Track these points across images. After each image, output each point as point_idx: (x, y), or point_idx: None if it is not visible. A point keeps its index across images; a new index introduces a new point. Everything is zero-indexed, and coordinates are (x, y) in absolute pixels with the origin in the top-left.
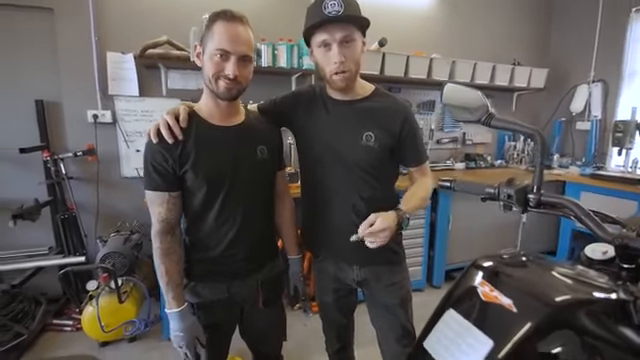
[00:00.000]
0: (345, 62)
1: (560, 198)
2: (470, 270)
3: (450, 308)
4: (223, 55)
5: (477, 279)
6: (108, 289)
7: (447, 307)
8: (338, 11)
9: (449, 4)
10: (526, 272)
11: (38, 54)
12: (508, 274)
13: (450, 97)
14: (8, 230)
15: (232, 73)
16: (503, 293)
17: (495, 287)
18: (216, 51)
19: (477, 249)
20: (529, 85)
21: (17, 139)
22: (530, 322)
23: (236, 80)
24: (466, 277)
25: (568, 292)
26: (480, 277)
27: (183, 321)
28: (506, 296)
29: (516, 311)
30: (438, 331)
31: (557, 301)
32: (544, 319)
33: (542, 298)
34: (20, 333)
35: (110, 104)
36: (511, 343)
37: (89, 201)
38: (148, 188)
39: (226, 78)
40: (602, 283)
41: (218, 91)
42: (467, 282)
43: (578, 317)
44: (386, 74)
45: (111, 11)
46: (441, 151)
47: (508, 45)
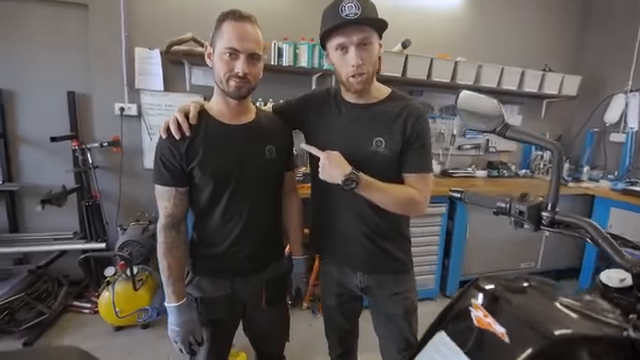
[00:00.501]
0: (362, 65)
1: (576, 218)
2: (467, 291)
3: (442, 330)
4: (232, 54)
5: (472, 302)
6: (124, 276)
7: (439, 328)
8: (356, 13)
9: (476, 5)
10: (526, 299)
11: (72, 48)
12: (506, 300)
13: (465, 105)
14: (37, 214)
15: (242, 71)
16: (498, 320)
17: (490, 313)
18: (225, 50)
19: (495, 261)
20: (560, 92)
21: (49, 128)
22: (523, 355)
23: (246, 78)
24: (462, 298)
25: (569, 325)
26: (475, 300)
27: (180, 316)
28: (500, 324)
29: (508, 341)
30: (427, 353)
31: (555, 334)
32: (539, 352)
33: (539, 330)
34: (42, 312)
35: (136, 98)
36: None
37: (112, 190)
38: (156, 182)
39: (236, 77)
40: (611, 318)
41: (228, 90)
42: (462, 304)
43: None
44: (408, 76)
45: (140, 8)
46: (462, 157)
47: (539, 50)
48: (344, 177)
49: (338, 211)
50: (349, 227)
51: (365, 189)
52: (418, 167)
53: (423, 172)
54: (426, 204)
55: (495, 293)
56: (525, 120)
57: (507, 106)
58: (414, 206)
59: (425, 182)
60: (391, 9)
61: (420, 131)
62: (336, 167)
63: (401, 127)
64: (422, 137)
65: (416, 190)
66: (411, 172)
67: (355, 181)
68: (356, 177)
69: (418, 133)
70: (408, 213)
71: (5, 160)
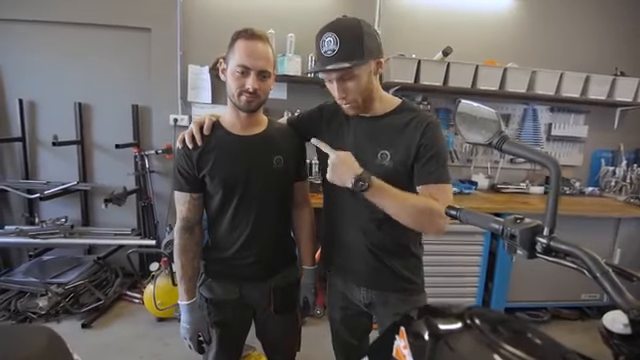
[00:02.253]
0: (347, 96)
1: (573, 247)
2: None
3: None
4: (244, 71)
5: (401, 329)
6: (166, 272)
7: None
8: (333, 49)
9: (529, 7)
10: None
11: (137, 66)
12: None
13: (464, 115)
14: (104, 211)
15: (252, 87)
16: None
17: (411, 345)
18: (237, 67)
19: (550, 289)
20: (636, 99)
21: (115, 136)
22: None
23: (256, 93)
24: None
25: None
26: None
27: (190, 314)
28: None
29: None
30: None
31: None
32: None
33: None
34: (99, 298)
35: (188, 110)
36: None
37: (165, 192)
38: (174, 188)
39: (247, 92)
40: None
41: (240, 104)
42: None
43: None
44: (450, 85)
45: (194, 29)
46: (515, 171)
47: (608, 52)
48: (355, 178)
49: (343, 223)
50: (353, 240)
51: (377, 193)
52: (432, 177)
53: (439, 182)
54: (447, 219)
55: (428, 324)
56: (593, 130)
57: (570, 115)
58: (433, 219)
59: (443, 192)
60: (430, 16)
61: (430, 140)
62: (347, 168)
63: (408, 139)
64: (433, 146)
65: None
66: (425, 183)
67: (366, 182)
68: (367, 178)
69: (428, 142)
70: (426, 228)
71: (81, 163)
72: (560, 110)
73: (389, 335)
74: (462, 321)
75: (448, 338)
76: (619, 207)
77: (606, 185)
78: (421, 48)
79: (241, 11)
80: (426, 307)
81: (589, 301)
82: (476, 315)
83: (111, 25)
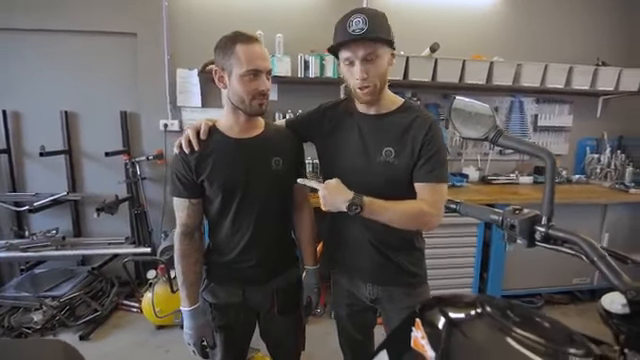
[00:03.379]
0: (368, 78)
1: (570, 234)
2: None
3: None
4: (256, 74)
5: (417, 321)
6: (164, 279)
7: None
8: (362, 29)
9: (513, 2)
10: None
11: (124, 72)
12: (452, 323)
13: (459, 111)
14: (96, 220)
15: (267, 87)
16: (432, 344)
17: (428, 335)
18: (247, 72)
19: (542, 275)
20: (618, 88)
21: (105, 144)
22: None
23: (267, 95)
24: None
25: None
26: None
27: (193, 320)
28: (433, 348)
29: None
30: None
31: None
32: None
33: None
34: (96, 309)
35: (178, 114)
36: None
37: (157, 199)
38: (172, 194)
39: (260, 95)
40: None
41: (252, 109)
42: (409, 322)
43: None
44: (438, 80)
45: (180, 33)
46: (505, 163)
47: (590, 43)
48: (348, 203)
49: (347, 221)
50: (358, 238)
51: (370, 211)
52: (428, 177)
53: (434, 182)
54: (438, 216)
55: (442, 314)
56: (577, 120)
57: (555, 105)
58: (422, 219)
59: (436, 192)
60: (417, 13)
61: (430, 140)
62: (337, 195)
63: (412, 138)
64: (432, 146)
65: (424, 202)
66: (421, 182)
67: (359, 205)
68: (360, 201)
69: (428, 143)
70: (419, 227)
71: (70, 173)
72: (545, 101)
73: (404, 327)
74: (474, 308)
75: (463, 325)
76: (605, 193)
77: (592, 172)
78: (409, 45)
79: (227, 12)
80: (438, 298)
81: (580, 285)
82: (486, 302)
83: (96, 31)
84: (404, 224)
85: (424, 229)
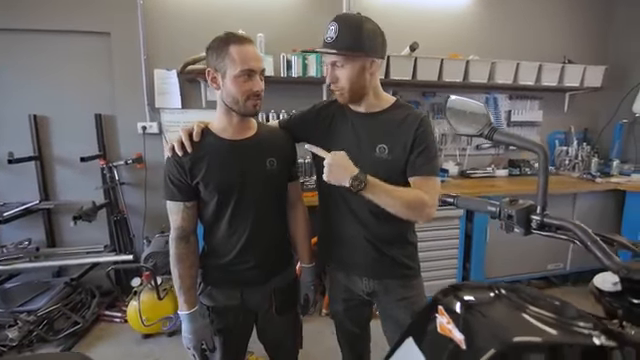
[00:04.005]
0: (336, 83)
1: (564, 220)
2: (438, 297)
3: (410, 336)
4: (249, 74)
5: (439, 308)
6: (150, 286)
7: (408, 334)
8: (332, 37)
9: (487, 2)
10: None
11: (97, 73)
12: (473, 307)
13: (454, 110)
14: (71, 229)
15: (260, 88)
16: (458, 327)
17: (453, 320)
18: (241, 73)
19: (520, 263)
20: (583, 84)
21: (79, 149)
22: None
23: (261, 95)
24: (432, 304)
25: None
26: (442, 306)
27: (192, 323)
28: (460, 331)
29: (465, 348)
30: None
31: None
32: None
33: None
34: (77, 322)
35: (157, 116)
36: None
37: (138, 204)
38: (166, 198)
39: (255, 95)
40: (582, 326)
41: (246, 110)
42: (431, 310)
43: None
44: (418, 79)
45: (157, 32)
46: (481, 157)
47: (557, 42)
48: (351, 178)
49: (341, 218)
50: (353, 234)
51: (372, 190)
52: (422, 170)
53: (428, 175)
54: (435, 207)
55: (463, 300)
56: (547, 115)
57: (526, 101)
58: (423, 208)
59: (431, 185)
60: (397, 13)
61: (421, 135)
62: (343, 169)
63: (404, 135)
64: (424, 141)
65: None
66: (416, 175)
67: (363, 182)
68: (364, 177)
69: (419, 137)
70: (417, 217)
71: (42, 181)
72: (518, 97)
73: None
74: (491, 292)
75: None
76: (574, 183)
77: (561, 164)
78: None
79: (206, 11)
80: (454, 286)
81: (554, 270)
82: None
83: (66, 30)
84: (402, 211)
85: (421, 220)
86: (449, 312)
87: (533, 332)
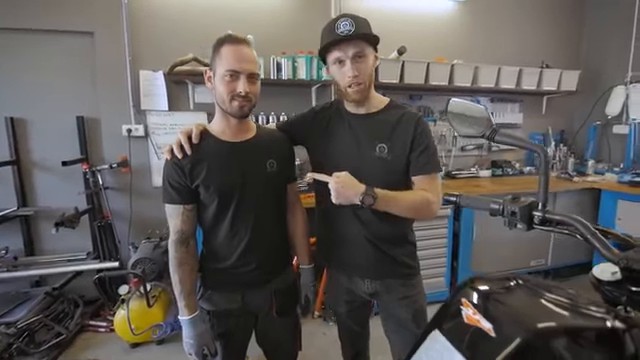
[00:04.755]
0: (358, 75)
1: (565, 216)
2: (459, 291)
3: (436, 328)
4: (233, 75)
5: (463, 300)
6: (138, 293)
7: (433, 327)
8: (350, 30)
9: (471, 9)
10: (513, 297)
11: (80, 74)
12: (495, 298)
13: (455, 112)
14: (52, 236)
15: (243, 90)
16: (485, 317)
17: (479, 310)
18: (226, 72)
19: (504, 260)
20: (559, 88)
21: (61, 152)
22: (507, 348)
23: (247, 97)
24: (454, 297)
25: (552, 318)
26: (466, 298)
27: (193, 328)
28: (488, 320)
29: (494, 336)
30: (422, 351)
31: (538, 327)
32: (521, 345)
33: (523, 324)
34: (60, 333)
35: (142, 119)
36: None
37: (123, 209)
38: (165, 202)
39: (238, 96)
40: (594, 310)
41: (232, 110)
42: (454, 303)
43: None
44: (406, 82)
45: (143, 32)
46: (466, 158)
47: (536, 48)
48: (362, 195)
49: (343, 219)
50: (354, 235)
51: (383, 202)
52: (425, 169)
53: (431, 173)
54: (439, 204)
55: (484, 292)
56: (526, 117)
57: (507, 104)
58: (429, 207)
59: (434, 182)
60: (385, 18)
61: (420, 134)
62: (350, 188)
63: (403, 134)
64: (423, 139)
65: (427, 191)
66: (419, 174)
67: (372, 196)
68: (372, 192)
69: (419, 136)
70: (423, 215)
71: (20, 186)
72: (499, 100)
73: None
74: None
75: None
76: (554, 182)
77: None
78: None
79: (194, 12)
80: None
81: (537, 266)
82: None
83: (46, 30)
84: (412, 213)
85: (428, 217)
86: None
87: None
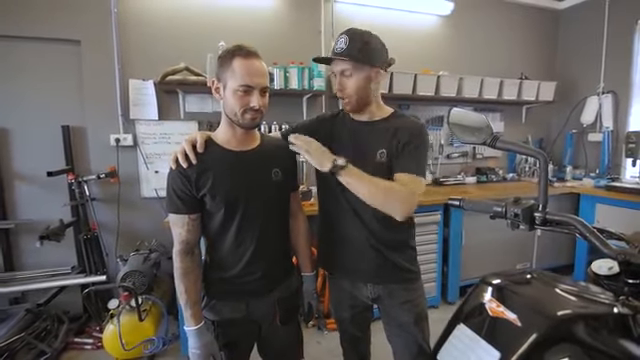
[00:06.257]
0: (343, 90)
1: (565, 216)
2: (478, 287)
3: (460, 323)
4: (247, 90)
5: (485, 295)
6: (128, 307)
7: (458, 322)
8: (342, 48)
9: (455, 23)
10: (531, 288)
11: (65, 82)
12: (514, 291)
13: (456, 121)
14: (34, 250)
15: (257, 104)
16: (509, 308)
17: (501, 303)
18: (240, 87)
19: (492, 264)
20: (538, 98)
21: (44, 163)
22: (534, 335)
23: (259, 110)
24: (475, 294)
25: (569, 307)
26: (488, 294)
27: (200, 338)
28: (511, 311)
29: (521, 325)
30: (450, 344)
31: (559, 315)
32: (546, 332)
33: (545, 312)
34: (44, 351)
35: (131, 128)
36: (517, 355)
37: (110, 221)
38: (170, 211)
39: (252, 110)
40: (603, 298)
41: (244, 122)
42: (476, 298)
43: (579, 330)
44: (394, 92)
45: (132, 41)
46: (451, 166)
47: (515, 60)
48: (333, 160)
49: (346, 225)
50: (357, 240)
51: (349, 172)
52: (406, 167)
53: (410, 172)
54: (411, 205)
55: (503, 286)
56: (507, 126)
57: (489, 114)
58: (392, 195)
59: (411, 181)
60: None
61: (410, 137)
62: (321, 152)
63: (398, 139)
64: (412, 142)
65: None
66: (398, 172)
67: (342, 165)
68: (344, 162)
69: (409, 140)
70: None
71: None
72: (482, 110)
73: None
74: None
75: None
76: (534, 188)
77: (522, 171)
78: None
79: (185, 21)
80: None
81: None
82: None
83: (30, 37)
84: (376, 198)
85: (396, 213)
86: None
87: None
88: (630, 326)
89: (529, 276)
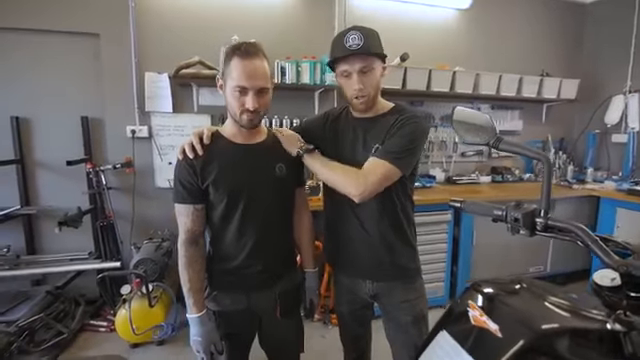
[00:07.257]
0: (364, 88)
1: (567, 223)
2: (466, 293)
3: (443, 329)
4: (242, 91)
5: (469, 302)
6: (140, 294)
7: (441, 328)
8: (358, 44)
9: (472, 17)
10: (518, 299)
11: (84, 75)
12: (500, 300)
13: (460, 119)
14: (54, 235)
15: (252, 106)
16: (492, 318)
17: (485, 312)
18: (235, 87)
19: (503, 265)
20: (559, 96)
21: (64, 152)
22: (513, 348)
23: (256, 112)
24: (461, 300)
25: (555, 320)
26: (472, 301)
27: (202, 326)
28: (494, 321)
29: (501, 336)
30: (431, 350)
31: (542, 328)
32: (526, 345)
33: (527, 325)
34: (61, 332)
35: (147, 120)
36: None
37: (125, 210)
38: (176, 201)
39: (247, 111)
40: (595, 313)
41: (242, 123)
42: (461, 305)
43: (562, 345)
44: (408, 88)
45: (149, 34)
46: (466, 164)
47: (536, 56)
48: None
49: (347, 222)
50: (356, 236)
51: (312, 156)
52: (378, 153)
53: (380, 157)
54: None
55: (490, 294)
56: (526, 124)
57: (507, 112)
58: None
59: (376, 165)
60: (389, 25)
61: (400, 126)
62: (293, 140)
63: (391, 132)
64: (397, 131)
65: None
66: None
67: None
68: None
69: (397, 128)
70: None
71: (23, 185)
72: (500, 107)
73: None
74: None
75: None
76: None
77: (539, 171)
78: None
79: (201, 16)
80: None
81: (535, 272)
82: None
83: (51, 30)
84: (334, 181)
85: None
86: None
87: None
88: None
89: (518, 286)
